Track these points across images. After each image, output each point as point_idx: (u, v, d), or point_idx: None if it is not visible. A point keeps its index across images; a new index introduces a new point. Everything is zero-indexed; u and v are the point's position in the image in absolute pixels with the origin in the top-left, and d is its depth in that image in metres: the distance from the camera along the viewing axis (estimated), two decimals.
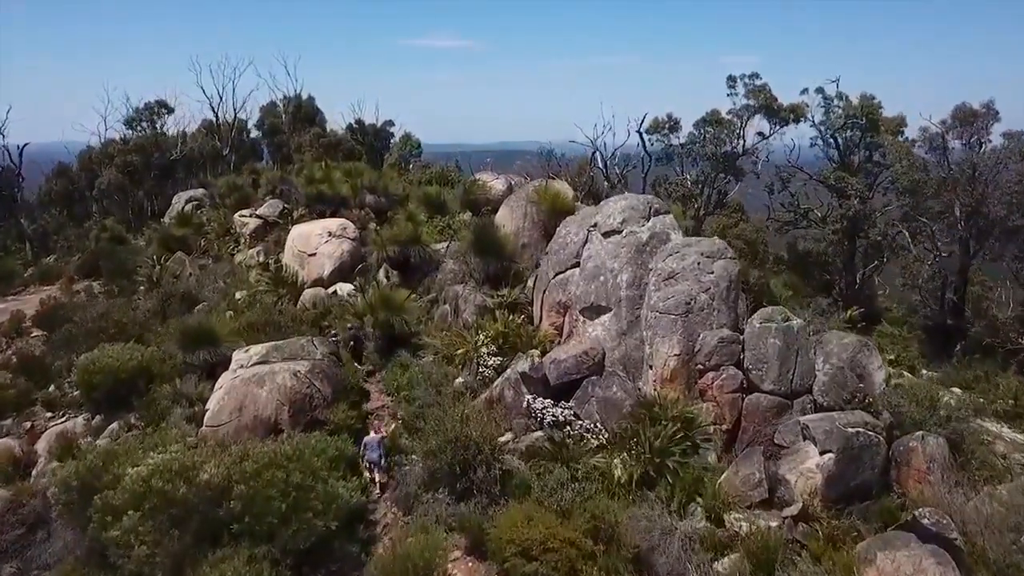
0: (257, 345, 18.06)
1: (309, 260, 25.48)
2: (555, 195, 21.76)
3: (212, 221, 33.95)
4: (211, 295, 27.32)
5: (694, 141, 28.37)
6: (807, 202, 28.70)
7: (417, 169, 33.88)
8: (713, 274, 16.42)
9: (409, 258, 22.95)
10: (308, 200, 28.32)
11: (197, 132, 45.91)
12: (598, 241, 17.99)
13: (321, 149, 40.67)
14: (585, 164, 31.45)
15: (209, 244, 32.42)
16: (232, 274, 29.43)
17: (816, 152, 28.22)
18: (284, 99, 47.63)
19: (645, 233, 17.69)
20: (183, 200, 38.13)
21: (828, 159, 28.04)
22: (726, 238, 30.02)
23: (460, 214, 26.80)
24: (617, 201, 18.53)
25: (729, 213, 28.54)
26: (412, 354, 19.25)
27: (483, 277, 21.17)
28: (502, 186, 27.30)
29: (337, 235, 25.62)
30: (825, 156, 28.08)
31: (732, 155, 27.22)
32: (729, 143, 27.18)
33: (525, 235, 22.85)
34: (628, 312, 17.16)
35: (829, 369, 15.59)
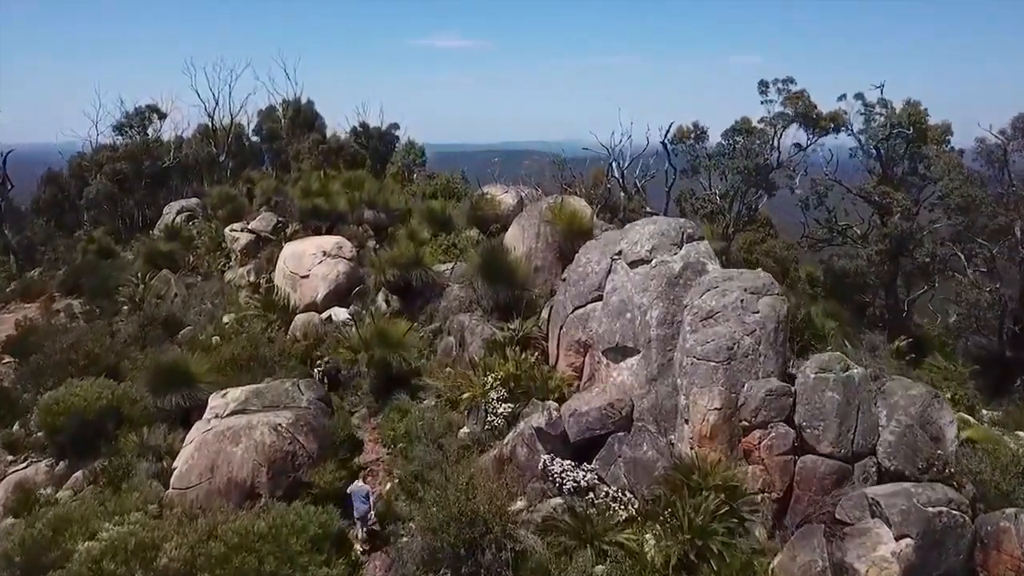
0: (236, 389, 15.95)
1: (301, 282, 23.37)
2: (572, 214, 19.55)
3: (203, 234, 31.94)
4: (197, 318, 25.30)
5: (723, 152, 26.07)
6: (845, 218, 26.41)
7: (421, 179, 31.74)
8: (758, 314, 14.18)
9: (410, 282, 20.79)
10: (302, 215, 26.21)
11: (193, 137, 43.92)
12: (623, 272, 15.78)
13: (320, 156, 38.60)
14: (600, 174, 29.22)
15: (199, 260, 30.39)
16: (221, 294, 27.40)
17: (855, 164, 25.92)
18: (283, 103, 45.60)
19: (678, 263, 15.47)
20: (174, 211, 36.14)
21: (868, 171, 25.73)
22: (753, 255, 27.95)
23: (466, 231, 24.65)
24: (645, 225, 16.31)
25: (756, 227, 26.29)
26: (412, 396, 17.10)
27: (491, 306, 19.02)
28: (512, 200, 25.10)
29: (332, 255, 23.49)
30: (865, 168, 25.79)
31: (765, 167, 24.95)
32: (762, 154, 24.94)
33: (538, 257, 20.67)
34: (659, 354, 14.97)
35: (896, 427, 13.36)
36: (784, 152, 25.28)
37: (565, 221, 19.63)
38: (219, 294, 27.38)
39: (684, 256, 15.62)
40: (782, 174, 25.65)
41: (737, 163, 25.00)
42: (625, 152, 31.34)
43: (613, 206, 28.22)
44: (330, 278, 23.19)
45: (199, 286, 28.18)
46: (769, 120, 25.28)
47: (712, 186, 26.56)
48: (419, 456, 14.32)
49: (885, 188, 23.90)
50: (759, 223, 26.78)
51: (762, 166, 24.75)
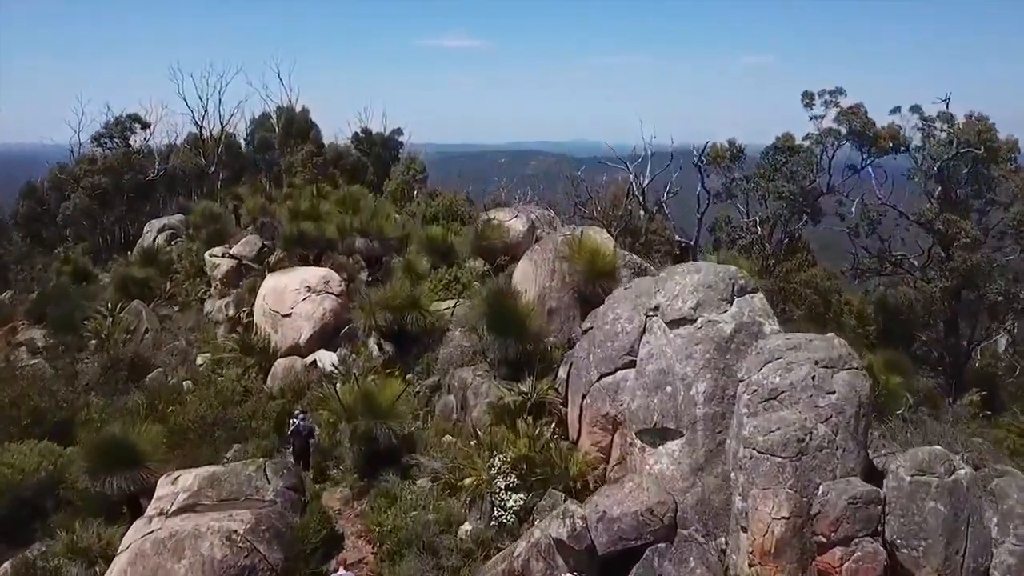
0: (189, 473, 13.14)
1: (283, 322, 20.59)
2: (593, 252, 16.68)
3: (183, 258, 29.24)
4: (168, 359, 22.57)
5: (763, 174, 23.12)
6: (901, 247, 23.41)
7: (422, 196, 28.94)
8: (835, 395, 11.30)
9: (405, 328, 17.95)
10: (287, 243, 23.43)
11: (181, 147, 41.26)
12: (661, 333, 12.91)
13: (315, 170, 35.85)
14: (620, 192, 26.35)
15: (177, 287, 27.70)
16: (198, 328, 24.69)
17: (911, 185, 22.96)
18: (278, 110, 42.90)
19: (728, 323, 12.60)
20: (155, 229, 33.47)
21: (927, 194, 22.77)
22: (791, 284, 25.02)
23: (470, 261, 21.83)
24: (686, 275, 13.41)
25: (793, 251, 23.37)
26: (403, 475, 14.25)
27: (499, 359, 16.18)
28: (521, 226, 22.28)
29: (318, 290, 20.70)
30: (923, 190, 22.84)
31: (812, 192, 22.03)
32: (808, 176, 22.03)
33: (553, 297, 17.83)
34: (707, 437, 12.14)
35: (1017, 545, 10.48)
36: (835, 174, 22.33)
37: (585, 259, 16.76)
38: (196, 328, 24.67)
39: (736, 314, 12.74)
40: (832, 199, 22.73)
41: (779, 186, 22.10)
42: (644, 164, 28.51)
43: (634, 229, 25.35)
44: (315, 317, 20.40)
45: (174, 319, 25.46)
46: (816, 137, 22.33)
47: (750, 212, 23.66)
48: (410, 571, 11.46)
49: (950, 216, 20.97)
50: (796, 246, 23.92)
51: (808, 190, 21.86)
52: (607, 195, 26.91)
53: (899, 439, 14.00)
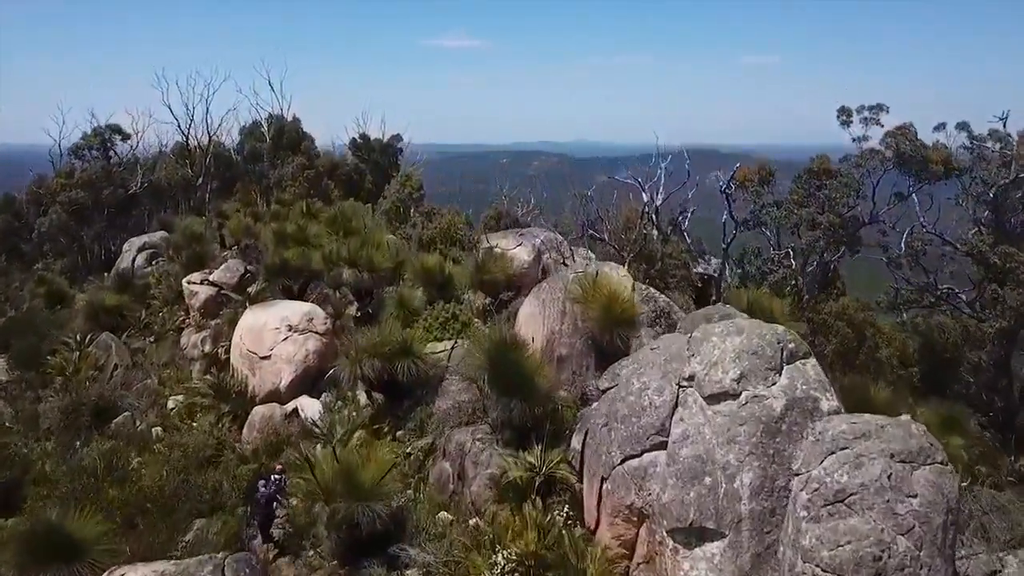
0: (135, 572, 11.04)
1: (261, 364, 18.50)
2: (609, 296, 14.59)
3: (161, 281, 27.16)
4: (138, 401, 20.50)
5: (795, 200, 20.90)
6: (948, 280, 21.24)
7: (419, 215, 26.84)
8: (917, 500, 9.19)
9: (396, 377, 15.85)
10: (268, 272, 21.33)
11: (166, 158, 39.21)
12: (698, 408, 10.81)
13: (306, 184, 33.77)
14: (633, 215, 24.25)
15: (153, 316, 25.62)
16: (173, 364, 22.61)
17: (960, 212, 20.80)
18: (269, 118, 40.86)
19: (778, 399, 10.49)
20: (135, 248, 31.40)
21: (976, 222, 20.62)
22: (821, 315, 22.92)
23: (469, 293, 19.77)
24: (725, 337, 11.29)
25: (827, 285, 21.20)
26: (390, 567, 12.16)
27: (502, 420, 14.10)
28: (527, 255, 20.21)
29: (300, 329, 18.61)
30: (972, 218, 20.69)
31: (853, 222, 19.85)
32: (846, 203, 19.87)
33: (563, 344, 15.79)
34: (753, 539, 10.04)
35: None
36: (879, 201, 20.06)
37: (600, 304, 14.68)
38: (171, 363, 22.60)
39: (787, 388, 10.62)
40: (875, 229, 20.57)
41: (813, 214, 19.93)
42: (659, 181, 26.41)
43: (649, 255, 23.23)
44: (297, 359, 18.32)
45: (148, 353, 23.36)
46: (856, 160, 20.16)
47: (781, 242, 21.49)
48: None
49: (1008, 248, 18.84)
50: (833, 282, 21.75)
51: (848, 220, 19.72)
52: (619, 216, 24.81)
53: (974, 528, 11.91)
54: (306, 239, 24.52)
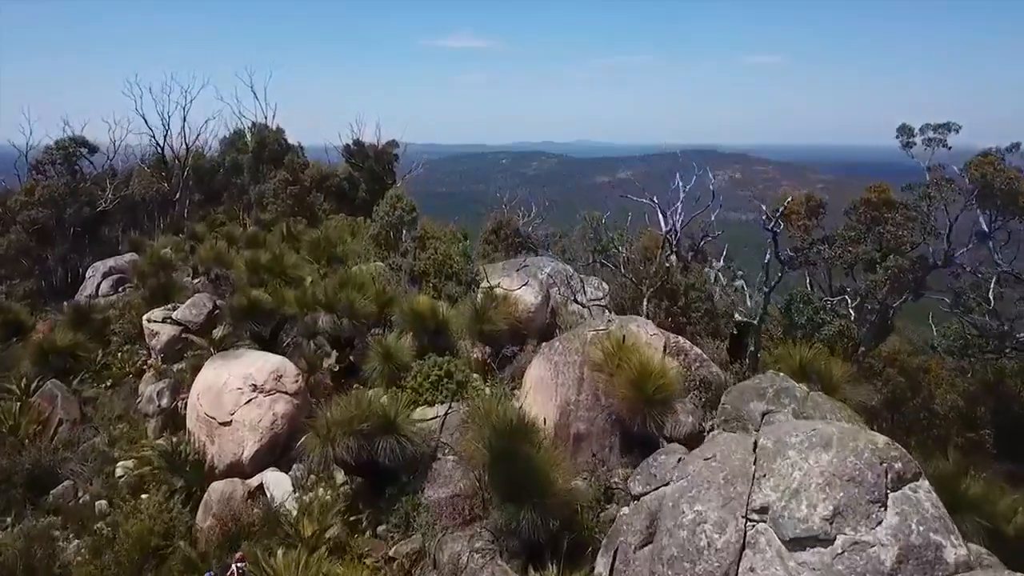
0: None
1: (220, 431, 15.65)
2: (641, 370, 11.77)
3: (123, 315, 24.28)
4: (82, 466, 17.63)
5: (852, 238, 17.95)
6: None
7: (410, 242, 23.98)
8: None
9: (376, 460, 13.02)
10: (234, 315, 18.48)
11: (140, 171, 36.37)
12: (774, 555, 7.98)
13: (290, 200, 30.92)
14: (653, 243, 21.41)
15: (112, 356, 22.72)
16: (128, 417, 19.75)
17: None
18: (252, 126, 38.04)
19: (888, 546, 7.68)
20: (99, 274, 28.50)
21: None
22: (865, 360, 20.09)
23: (466, 343, 16.96)
24: (807, 452, 8.45)
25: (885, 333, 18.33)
26: None
27: (506, 527, 11.28)
28: (533, 297, 17.37)
29: (267, 389, 15.75)
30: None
31: (923, 265, 16.94)
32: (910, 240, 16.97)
33: (581, 418, 13.04)
34: None
35: None
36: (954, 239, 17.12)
37: (628, 378, 11.86)
38: (125, 417, 19.74)
39: (897, 529, 7.80)
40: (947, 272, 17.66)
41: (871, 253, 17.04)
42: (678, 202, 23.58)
43: (672, 290, 20.39)
44: (262, 426, 15.46)
45: (101, 403, 20.48)
46: (924, 191, 17.24)
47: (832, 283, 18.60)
48: None
49: None
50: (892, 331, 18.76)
51: (918, 262, 16.84)
52: (637, 246, 21.99)
53: None
54: (283, 270, 21.73)
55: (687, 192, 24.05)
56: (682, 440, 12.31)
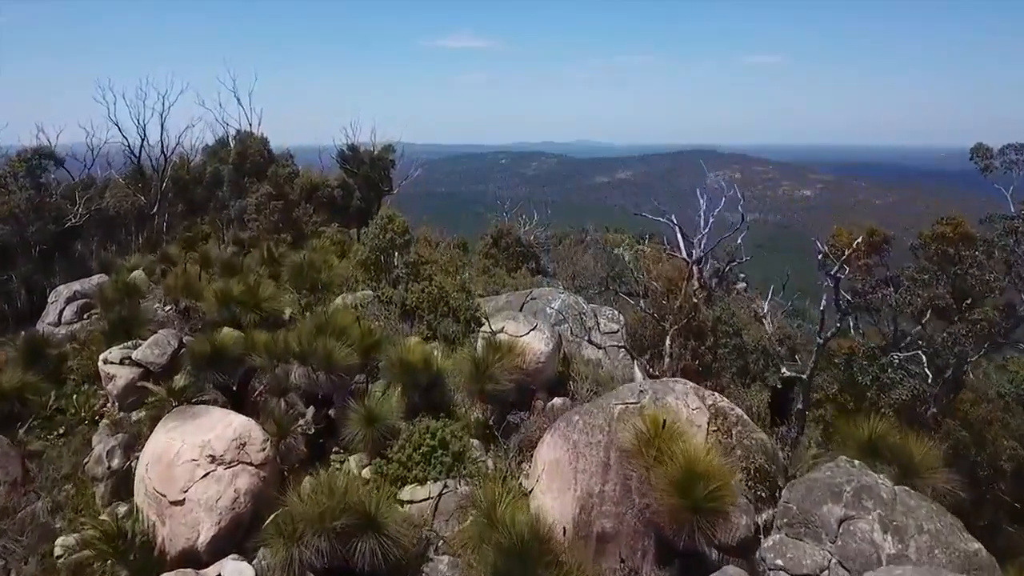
0: None
1: (172, 511, 13.14)
2: (686, 466, 9.27)
3: (82, 350, 21.78)
4: (15, 543, 15.13)
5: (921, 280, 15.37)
6: None
7: (403, 268, 21.46)
8: None
9: (354, 562, 10.53)
10: (195, 363, 15.96)
11: (113, 183, 33.88)
12: None
13: (274, 216, 28.42)
14: (678, 275, 18.93)
15: (67, 399, 20.21)
16: (75, 478, 17.25)
17: None
18: (237, 134, 35.52)
19: None
20: (62, 299, 25.93)
21: None
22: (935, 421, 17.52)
23: (462, 396, 14.46)
24: None
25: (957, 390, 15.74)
26: None
27: None
28: (543, 344, 14.85)
29: (228, 460, 13.25)
30: None
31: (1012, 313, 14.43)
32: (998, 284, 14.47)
33: (606, 514, 10.56)
34: None
35: None
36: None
37: (670, 476, 9.36)
38: (72, 477, 17.23)
39: None
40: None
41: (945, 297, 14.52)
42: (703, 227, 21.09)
43: (699, 328, 17.91)
44: (221, 506, 12.96)
45: (48, 459, 17.97)
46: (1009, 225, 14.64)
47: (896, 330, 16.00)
48: None
49: None
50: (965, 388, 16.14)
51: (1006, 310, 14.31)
52: (660, 276, 19.47)
53: None
54: (257, 303, 19.21)
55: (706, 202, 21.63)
56: (735, 548, 9.84)
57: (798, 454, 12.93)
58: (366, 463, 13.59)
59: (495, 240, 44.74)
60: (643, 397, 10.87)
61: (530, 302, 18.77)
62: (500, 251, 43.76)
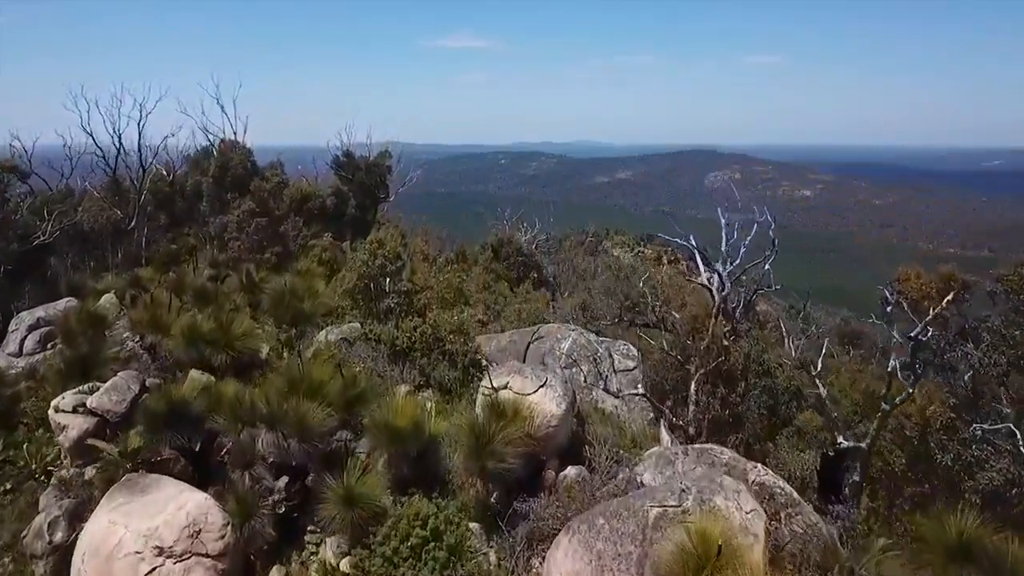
0: None
1: None
2: None
3: (37, 389, 19.65)
4: None
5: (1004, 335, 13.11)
6: None
7: (395, 298, 19.30)
8: None
9: None
10: (149, 424, 13.77)
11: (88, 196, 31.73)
12: None
13: (257, 235, 26.24)
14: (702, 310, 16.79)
15: (16, 449, 18.07)
16: (13, 550, 15.09)
17: None
18: (221, 144, 33.34)
19: None
20: (24, 327, 23.82)
21: None
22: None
23: (462, 472, 12.30)
24: None
25: None
26: None
27: None
28: (555, 405, 12.67)
29: (179, 553, 11.08)
30: None
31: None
32: None
33: None
34: None
35: None
36: None
37: None
38: (11, 549, 15.08)
39: None
40: None
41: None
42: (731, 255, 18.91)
43: (729, 372, 15.78)
44: None
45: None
46: None
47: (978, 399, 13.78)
48: None
49: None
50: None
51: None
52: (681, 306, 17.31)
53: None
54: (229, 342, 17.07)
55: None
56: None
57: (860, 544, 10.80)
58: (345, 551, 11.43)
59: (495, 250, 42.65)
60: (685, 499, 8.72)
61: (537, 342, 16.62)
62: (501, 261, 41.68)
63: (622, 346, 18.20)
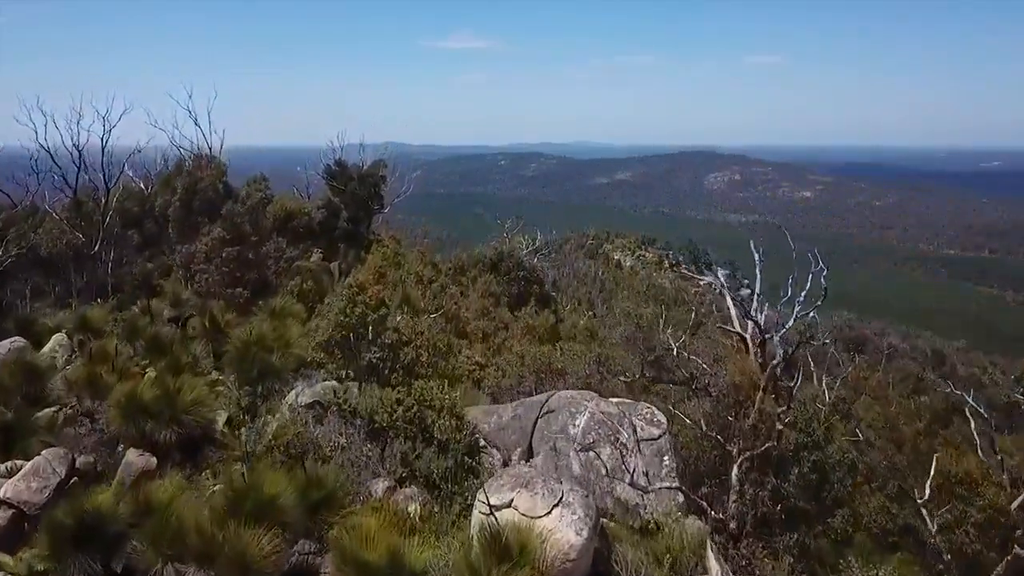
0: None
1: None
2: None
3: None
4: None
5: None
6: None
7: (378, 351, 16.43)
8: None
9: None
10: (54, 541, 10.86)
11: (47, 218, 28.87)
12: None
13: (228, 266, 23.32)
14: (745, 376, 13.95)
15: None
16: None
17: None
18: (193, 159, 30.46)
19: None
20: None
21: None
22: None
23: None
24: None
25: None
26: None
27: None
28: (574, 534, 9.76)
29: None
30: None
31: None
32: None
33: None
34: None
35: None
36: None
37: None
38: None
39: None
40: None
41: None
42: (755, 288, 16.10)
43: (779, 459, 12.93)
44: None
45: None
46: None
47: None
48: None
49: None
50: None
51: None
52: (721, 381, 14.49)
53: None
54: (175, 416, 14.24)
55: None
56: None
57: None
58: None
59: (494, 264, 40.08)
60: None
61: (546, 416, 13.78)
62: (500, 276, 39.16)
63: (645, 409, 15.34)
